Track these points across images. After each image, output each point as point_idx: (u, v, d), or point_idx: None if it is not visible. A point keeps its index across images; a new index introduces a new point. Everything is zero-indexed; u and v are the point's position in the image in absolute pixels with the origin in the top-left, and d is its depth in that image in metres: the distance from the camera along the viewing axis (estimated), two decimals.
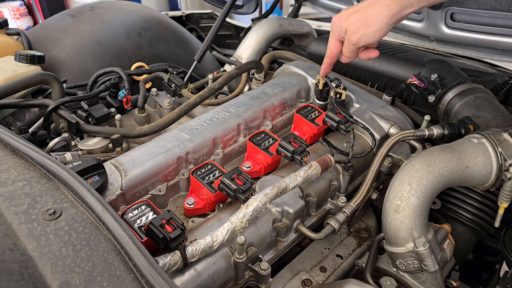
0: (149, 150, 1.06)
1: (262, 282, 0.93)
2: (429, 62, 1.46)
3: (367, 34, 1.05)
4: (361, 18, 1.04)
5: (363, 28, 1.05)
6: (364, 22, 1.04)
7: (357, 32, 1.06)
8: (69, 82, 1.63)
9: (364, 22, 1.04)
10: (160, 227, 0.81)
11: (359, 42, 1.08)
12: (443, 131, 1.17)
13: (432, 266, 0.94)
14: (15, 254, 0.58)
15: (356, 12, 1.06)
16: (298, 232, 1.03)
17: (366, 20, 1.03)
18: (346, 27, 1.08)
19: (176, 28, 2.13)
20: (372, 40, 1.07)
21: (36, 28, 2.03)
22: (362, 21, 1.04)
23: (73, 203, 0.67)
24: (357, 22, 1.05)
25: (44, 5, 4.70)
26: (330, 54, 1.18)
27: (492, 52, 1.53)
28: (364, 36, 1.06)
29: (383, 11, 1.01)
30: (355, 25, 1.06)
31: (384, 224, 1.00)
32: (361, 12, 1.05)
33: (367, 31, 1.04)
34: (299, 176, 0.97)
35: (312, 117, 1.23)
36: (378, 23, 1.02)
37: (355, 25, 1.06)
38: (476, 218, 1.22)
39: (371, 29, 1.04)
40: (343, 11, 1.10)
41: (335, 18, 1.11)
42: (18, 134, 0.96)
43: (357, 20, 1.05)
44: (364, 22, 1.04)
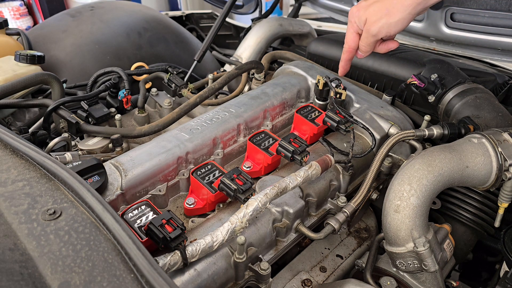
0: (149, 150, 1.06)
1: (262, 282, 0.93)
2: (429, 62, 1.46)
3: (389, 23, 0.99)
4: (383, 7, 0.99)
5: (385, 18, 0.99)
6: (386, 11, 0.98)
7: (378, 22, 1.00)
8: (69, 82, 1.63)
9: (386, 11, 0.98)
10: (160, 227, 0.81)
11: (379, 32, 1.02)
12: (443, 131, 1.17)
13: (432, 266, 0.94)
14: (15, 254, 0.58)
15: (377, 2, 1.00)
16: (298, 232, 1.03)
17: (388, 8, 0.98)
18: (366, 17, 1.02)
19: (176, 28, 2.13)
20: (393, 30, 1.01)
21: (36, 28, 2.03)
22: (384, 10, 0.98)
23: (73, 203, 0.67)
24: (379, 11, 0.99)
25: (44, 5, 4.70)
26: (348, 48, 1.11)
27: (492, 52, 1.53)
28: (386, 26, 1.00)
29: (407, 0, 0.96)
30: (376, 15, 1.00)
31: (384, 224, 1.00)
32: (383, 1, 0.99)
33: (389, 20, 0.98)
34: (299, 176, 0.97)
35: (312, 117, 1.23)
36: (402, 12, 0.97)
37: (376, 14, 1.00)
38: (476, 218, 1.22)
39: (394, 18, 0.98)
40: (361, 2, 1.05)
41: (354, 9, 1.05)
42: (18, 134, 0.96)
43: (379, 9, 0.99)
44: (386, 11, 0.98)
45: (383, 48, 1.10)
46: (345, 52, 1.13)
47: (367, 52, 1.10)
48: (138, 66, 1.75)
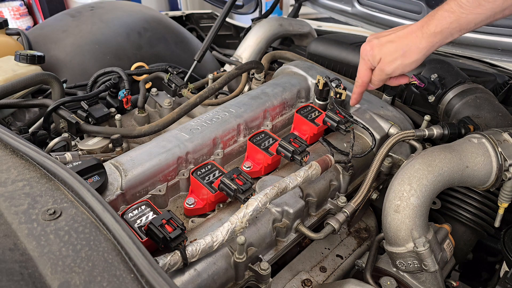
0: (149, 150, 1.06)
1: (262, 282, 0.93)
2: (429, 62, 1.46)
3: (404, 64, 1.02)
4: (399, 49, 1.01)
5: (400, 59, 1.01)
6: (401, 52, 1.00)
7: (393, 63, 1.03)
8: (69, 82, 1.63)
9: (402, 52, 1.00)
10: (160, 227, 0.81)
11: (393, 72, 1.05)
12: (443, 131, 1.17)
13: (432, 266, 0.94)
14: (15, 254, 0.58)
15: (391, 42, 1.02)
16: (298, 232, 1.03)
17: (404, 50, 1.00)
18: (380, 56, 1.04)
19: (176, 28, 2.13)
20: (407, 70, 1.04)
21: (36, 28, 2.03)
22: (400, 51, 1.01)
23: (73, 203, 0.67)
24: (394, 52, 1.02)
25: (44, 5, 4.70)
26: (361, 83, 1.14)
27: (492, 52, 1.53)
28: (401, 67, 1.03)
29: (422, 42, 0.98)
30: (391, 55, 1.02)
31: (384, 224, 1.00)
32: (397, 42, 1.01)
33: (404, 61, 1.01)
34: (299, 176, 0.97)
35: (312, 117, 1.23)
36: (417, 54, 0.99)
37: (391, 55, 1.02)
38: (476, 218, 1.22)
39: (409, 60, 1.00)
40: (373, 40, 1.06)
41: (367, 47, 1.07)
42: (18, 134, 0.96)
43: (394, 50, 1.01)
44: (401, 53, 1.00)
45: (394, 82, 1.12)
46: (358, 86, 1.16)
47: (379, 85, 1.13)
48: (138, 66, 1.75)
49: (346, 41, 1.71)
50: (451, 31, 0.95)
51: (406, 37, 1.00)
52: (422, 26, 0.98)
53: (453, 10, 0.93)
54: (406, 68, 1.03)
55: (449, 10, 0.94)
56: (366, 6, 1.89)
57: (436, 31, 0.96)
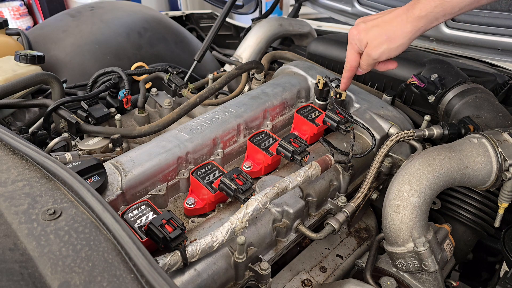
0: (149, 150, 1.06)
1: (262, 282, 0.93)
2: (429, 62, 1.46)
3: (390, 49, 1.03)
4: (383, 33, 1.02)
5: (386, 43, 1.02)
6: (386, 37, 1.02)
7: (379, 47, 1.04)
8: (69, 82, 1.63)
9: (387, 37, 1.02)
10: (160, 227, 0.81)
11: (380, 57, 1.06)
12: (443, 131, 1.17)
13: (432, 266, 0.94)
14: (15, 254, 0.58)
15: (377, 26, 1.03)
16: (298, 232, 1.03)
17: (389, 35, 1.01)
18: (366, 41, 1.06)
19: (176, 28, 2.13)
20: (393, 54, 1.05)
21: (36, 28, 2.03)
22: (384, 36, 1.02)
23: (73, 203, 0.67)
24: (379, 36, 1.03)
25: (44, 5, 4.70)
26: (350, 67, 1.15)
27: (492, 52, 1.53)
28: (387, 51, 1.04)
29: (407, 26, 0.98)
30: (376, 40, 1.04)
31: (384, 224, 1.00)
32: (383, 26, 1.02)
33: (389, 46, 1.02)
34: (299, 176, 0.97)
35: (312, 117, 1.23)
36: (402, 38, 1.00)
37: (376, 39, 1.04)
38: (476, 218, 1.22)
39: (394, 44, 1.02)
40: (360, 24, 1.08)
41: (354, 31, 1.08)
42: (18, 134, 0.96)
43: (379, 34, 1.03)
44: (386, 37, 1.02)
45: (382, 67, 1.13)
46: (347, 71, 1.17)
47: (367, 70, 1.14)
48: (138, 66, 1.75)
49: (346, 41, 1.70)
50: (436, 15, 0.96)
51: (391, 22, 1.02)
52: (407, 10, 0.99)
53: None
54: (392, 53, 1.04)
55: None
56: (366, 6, 1.89)
57: (420, 15, 0.97)
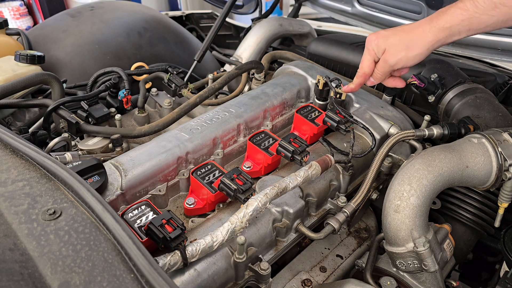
0: (149, 150, 1.06)
1: (262, 282, 0.93)
2: (429, 62, 1.46)
3: (408, 57, 1.02)
4: (403, 41, 1.01)
5: (404, 51, 1.01)
6: (405, 45, 1.01)
7: (397, 54, 1.03)
8: (69, 82, 1.63)
9: (406, 45, 1.01)
10: (160, 227, 0.81)
11: (396, 64, 1.04)
12: (443, 131, 1.17)
13: (432, 266, 0.94)
14: (15, 254, 0.58)
15: (396, 35, 1.03)
16: (298, 232, 1.03)
17: (408, 43, 1.01)
18: (385, 47, 1.05)
19: (176, 28, 2.13)
20: (410, 63, 1.04)
21: (36, 28, 2.03)
22: (404, 44, 1.01)
23: (73, 203, 0.67)
24: (399, 44, 1.02)
25: (44, 5, 4.70)
26: (363, 73, 1.13)
27: (492, 52, 1.53)
28: (404, 59, 1.03)
29: (429, 36, 0.98)
30: (395, 47, 1.03)
31: (384, 224, 1.00)
32: (403, 35, 1.02)
33: (408, 54, 1.01)
34: (299, 176, 0.97)
35: (312, 117, 1.23)
36: (421, 48, 1.00)
37: (395, 46, 1.03)
38: (476, 218, 1.22)
39: (412, 52, 1.01)
40: (380, 31, 1.07)
41: (373, 37, 1.07)
42: (18, 134, 0.96)
43: (399, 42, 1.02)
44: (405, 45, 1.01)
45: (390, 82, 1.13)
46: (359, 77, 1.15)
47: (380, 80, 1.12)
48: (138, 66, 1.75)
49: (346, 41, 1.71)
50: (460, 29, 0.96)
51: (412, 30, 1.01)
52: (431, 20, 0.99)
53: (467, 8, 0.94)
54: (409, 61, 1.03)
55: (463, 8, 0.94)
56: (366, 6, 1.89)
57: (445, 26, 0.96)
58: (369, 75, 1.13)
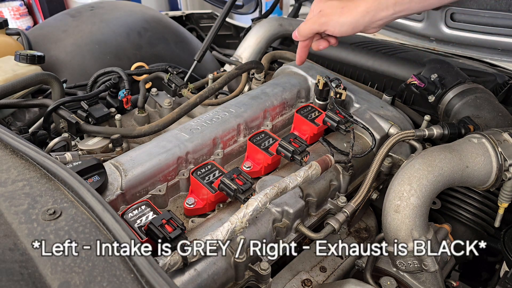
0: (149, 150, 1.06)
1: (262, 282, 0.93)
2: (429, 62, 1.46)
3: (337, 22, 1.00)
4: (340, 5, 1.01)
5: (337, 15, 1.00)
6: (340, 9, 1.00)
7: (329, 15, 1.01)
8: (69, 82, 1.63)
9: (341, 9, 1.00)
10: (160, 227, 0.81)
11: (325, 24, 1.02)
12: (443, 131, 1.17)
13: (432, 266, 0.94)
14: (15, 254, 0.58)
15: (336, 1, 1.02)
16: (298, 232, 1.03)
17: (343, 8, 1.00)
18: (322, 8, 1.04)
19: (176, 28, 2.13)
20: (336, 30, 1.01)
21: (36, 28, 2.03)
22: (339, 8, 1.01)
23: (73, 203, 0.67)
24: (335, 6, 1.01)
25: (44, 5, 4.70)
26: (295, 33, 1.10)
27: (492, 52, 1.53)
28: (333, 22, 1.01)
29: (361, 5, 0.98)
30: (330, 8, 1.02)
31: (384, 224, 1.00)
32: (342, 1, 1.01)
33: (338, 18, 1.00)
34: (299, 176, 0.97)
35: (312, 117, 1.23)
36: (351, 16, 0.99)
37: (331, 8, 1.02)
38: (476, 218, 1.22)
39: (342, 18, 1.00)
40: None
41: (316, 1, 1.06)
42: (18, 134, 0.96)
43: (336, 5, 1.01)
44: (340, 10, 1.00)
45: (315, 45, 1.10)
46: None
47: (303, 37, 1.08)
48: (138, 66, 1.75)
49: (346, 41, 1.71)
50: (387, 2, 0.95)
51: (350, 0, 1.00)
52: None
53: None
54: (337, 27, 1.01)
55: None
56: None
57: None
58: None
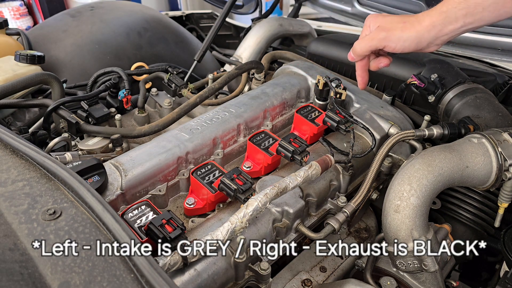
0: (149, 150, 1.06)
1: (262, 282, 0.93)
2: (429, 62, 1.46)
3: (399, 37, 0.95)
4: (401, 20, 0.96)
5: (398, 29, 0.95)
6: (402, 24, 0.95)
7: (390, 30, 0.96)
8: (69, 82, 1.63)
9: (403, 24, 0.95)
10: (160, 227, 0.81)
11: (385, 39, 0.97)
12: (443, 131, 1.17)
13: (432, 266, 0.94)
14: (15, 254, 0.58)
15: (396, 16, 0.99)
16: (298, 232, 1.03)
17: (406, 23, 0.95)
18: (381, 23, 0.98)
19: (176, 28, 2.13)
20: (398, 46, 0.96)
21: (36, 28, 2.03)
22: (400, 22, 0.95)
23: (73, 203, 0.67)
24: (396, 21, 0.96)
25: (44, 5, 4.70)
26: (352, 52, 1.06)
27: (492, 52, 1.53)
28: (395, 37, 0.96)
29: (426, 19, 0.93)
30: (391, 23, 0.97)
31: (384, 224, 1.00)
32: (404, 16, 0.97)
33: (400, 33, 0.95)
34: (299, 176, 0.97)
35: (312, 117, 1.23)
36: (415, 31, 0.94)
37: (391, 23, 0.97)
38: (476, 218, 1.22)
39: (405, 33, 0.95)
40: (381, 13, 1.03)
41: (372, 15, 1.02)
42: (18, 134, 0.96)
43: (397, 20, 0.96)
44: (402, 24, 0.95)
45: (374, 64, 1.07)
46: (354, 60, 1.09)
47: (359, 56, 1.05)
48: (138, 66, 1.75)
49: (346, 41, 1.71)
50: (456, 13, 0.90)
51: (411, 15, 0.97)
52: (431, 8, 0.94)
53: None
54: (398, 42, 0.96)
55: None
56: (366, 6, 1.89)
57: (442, 10, 0.91)
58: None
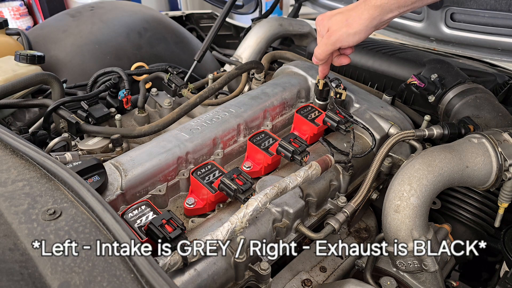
0: (149, 150, 1.06)
1: (262, 282, 0.93)
2: (429, 62, 1.46)
3: (348, 33, 1.05)
4: (344, 18, 1.05)
5: (344, 28, 1.05)
6: (346, 22, 1.05)
7: (338, 31, 1.06)
8: (69, 82, 1.63)
9: (346, 22, 1.05)
10: (160, 227, 0.81)
11: (337, 41, 1.07)
12: (443, 131, 1.17)
13: (432, 266, 0.94)
14: (15, 254, 0.58)
15: (340, 13, 1.07)
16: (298, 232, 1.03)
17: (348, 20, 1.04)
18: (328, 26, 1.08)
19: (176, 28, 2.13)
20: (350, 41, 1.06)
21: (36, 28, 2.03)
22: (344, 21, 1.05)
23: (73, 203, 0.67)
24: (340, 21, 1.06)
25: (44, 5, 4.70)
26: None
27: (492, 52, 1.53)
28: (344, 36, 1.05)
29: (364, 13, 1.02)
30: (337, 24, 1.06)
31: (384, 224, 1.00)
32: (345, 13, 1.06)
33: (348, 31, 1.05)
34: (299, 176, 0.97)
35: (312, 117, 1.23)
36: (360, 24, 1.03)
37: (337, 24, 1.06)
38: (476, 218, 1.22)
39: (351, 29, 1.04)
40: (327, 12, 1.12)
41: (319, 18, 1.11)
42: (18, 134, 0.96)
43: (340, 20, 1.06)
44: (346, 22, 1.05)
45: (336, 61, 1.16)
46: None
47: (322, 60, 1.14)
48: (138, 66, 1.75)
49: None
50: (390, 7, 1.00)
51: (352, 9, 1.05)
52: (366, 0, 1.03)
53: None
54: (349, 38, 1.05)
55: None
56: None
57: (376, 4, 1.01)
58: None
